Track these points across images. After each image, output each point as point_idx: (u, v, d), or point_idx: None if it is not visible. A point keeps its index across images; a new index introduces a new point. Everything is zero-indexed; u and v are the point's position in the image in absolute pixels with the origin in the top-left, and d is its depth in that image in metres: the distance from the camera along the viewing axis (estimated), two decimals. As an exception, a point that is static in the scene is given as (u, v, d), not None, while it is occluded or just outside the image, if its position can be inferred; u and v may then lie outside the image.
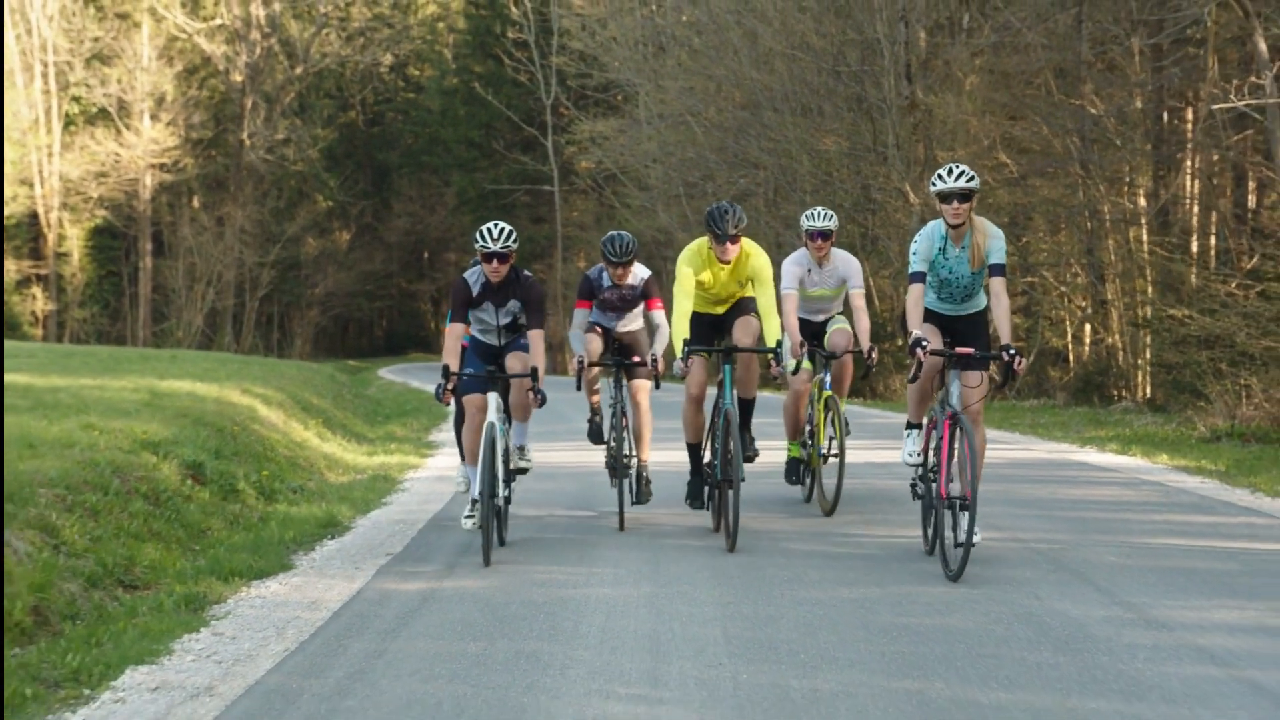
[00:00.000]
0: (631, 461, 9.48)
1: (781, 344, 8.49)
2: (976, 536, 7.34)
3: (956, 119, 24.71)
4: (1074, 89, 23.04)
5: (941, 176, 7.60)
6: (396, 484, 12.34)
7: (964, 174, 7.55)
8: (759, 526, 8.99)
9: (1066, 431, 16.78)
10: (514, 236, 8.34)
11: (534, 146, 50.08)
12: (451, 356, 8.22)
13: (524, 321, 8.55)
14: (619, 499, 9.12)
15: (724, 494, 8.47)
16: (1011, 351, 7.34)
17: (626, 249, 9.10)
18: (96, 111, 49.19)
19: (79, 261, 48.97)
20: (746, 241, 8.79)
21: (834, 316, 9.84)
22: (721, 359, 8.71)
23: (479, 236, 8.28)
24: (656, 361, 8.94)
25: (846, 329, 9.69)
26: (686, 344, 8.48)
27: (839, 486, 9.41)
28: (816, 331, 9.78)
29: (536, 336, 8.35)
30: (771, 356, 8.52)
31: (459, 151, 54.84)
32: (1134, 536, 8.59)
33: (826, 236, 9.42)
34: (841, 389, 9.72)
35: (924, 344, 7.45)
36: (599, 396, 9.74)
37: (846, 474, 9.56)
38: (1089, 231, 23.72)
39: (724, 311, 9.15)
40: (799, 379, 9.47)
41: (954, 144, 25.08)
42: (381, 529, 9.57)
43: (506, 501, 8.56)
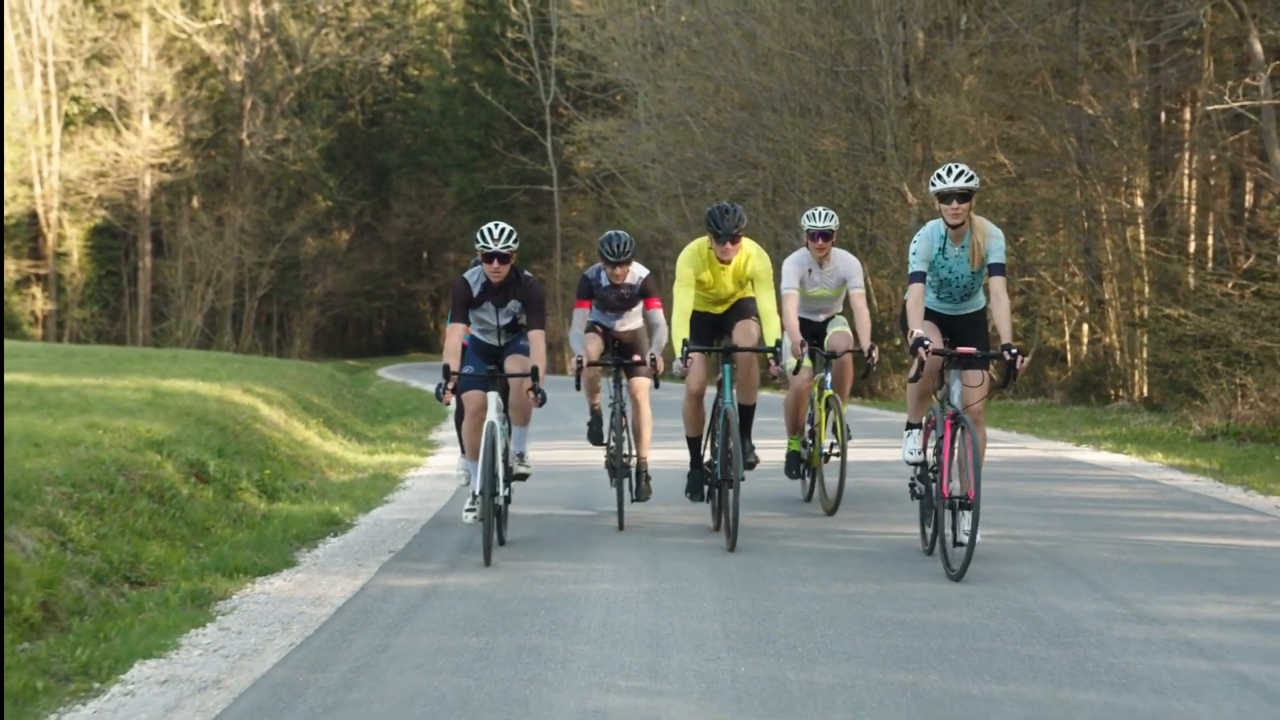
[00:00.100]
0: (631, 460, 9.54)
1: (780, 343, 8.52)
2: (979, 535, 7.39)
3: (954, 119, 24.80)
4: (1071, 89, 23.12)
5: (941, 176, 7.62)
6: (397, 482, 12.41)
7: (963, 174, 7.57)
8: (758, 525, 9.06)
9: (1063, 430, 16.87)
10: (515, 237, 8.39)
11: (533, 146, 50.09)
12: (452, 356, 8.26)
13: (524, 322, 8.60)
14: (618, 498, 9.16)
15: (724, 493, 8.52)
16: (1013, 351, 7.35)
17: (624, 248, 9.15)
18: (96, 111, 49.22)
19: (78, 261, 48.99)
20: (747, 241, 8.83)
21: (834, 316, 9.87)
22: (721, 358, 8.76)
23: (480, 236, 8.33)
24: (656, 361, 9.02)
25: (847, 332, 9.71)
26: (686, 343, 8.52)
27: (841, 486, 9.43)
28: (817, 331, 9.82)
29: (537, 336, 8.40)
30: (771, 355, 8.55)
31: (458, 151, 54.85)
32: (1128, 533, 8.67)
33: (827, 236, 9.47)
34: (843, 391, 9.72)
35: (926, 343, 7.46)
36: (599, 398, 9.81)
37: (846, 473, 9.59)
38: (1086, 231, 23.79)
39: (724, 311, 9.18)
40: (800, 378, 9.50)
41: (952, 144, 25.16)
42: (383, 527, 9.65)
43: (506, 501, 8.60)
